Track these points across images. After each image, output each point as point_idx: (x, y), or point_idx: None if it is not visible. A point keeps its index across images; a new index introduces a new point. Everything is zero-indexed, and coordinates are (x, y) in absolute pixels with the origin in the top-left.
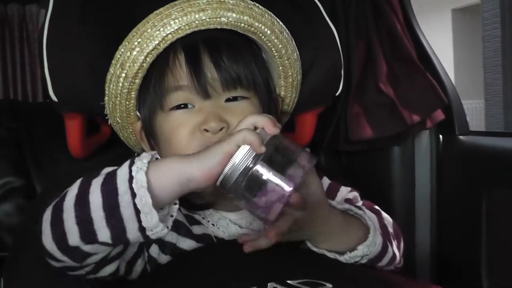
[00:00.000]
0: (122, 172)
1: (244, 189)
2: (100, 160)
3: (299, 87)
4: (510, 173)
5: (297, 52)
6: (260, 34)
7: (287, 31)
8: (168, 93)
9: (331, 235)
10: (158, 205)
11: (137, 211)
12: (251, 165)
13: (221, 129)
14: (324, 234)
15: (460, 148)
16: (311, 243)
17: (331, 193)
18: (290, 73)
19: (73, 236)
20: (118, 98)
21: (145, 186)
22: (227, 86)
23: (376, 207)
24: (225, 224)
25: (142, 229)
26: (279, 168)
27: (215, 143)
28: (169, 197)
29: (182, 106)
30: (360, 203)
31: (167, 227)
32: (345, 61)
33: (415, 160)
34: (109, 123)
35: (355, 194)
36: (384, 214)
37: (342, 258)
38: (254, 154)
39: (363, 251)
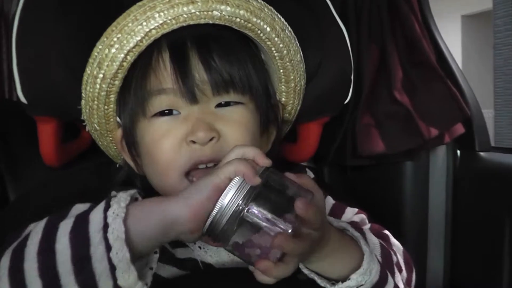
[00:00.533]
0: (96, 218)
1: (235, 235)
2: (80, 169)
3: (303, 93)
4: None
5: (301, 53)
6: (259, 31)
7: (290, 29)
8: (150, 97)
9: (325, 255)
10: (136, 256)
11: (112, 267)
12: (242, 206)
13: (210, 140)
14: (317, 253)
15: (480, 165)
16: (303, 263)
17: (336, 214)
18: (292, 77)
19: None
20: (96, 102)
21: (123, 238)
22: (217, 89)
23: (386, 231)
24: (215, 248)
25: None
26: (275, 207)
27: (202, 178)
28: (150, 246)
29: (166, 112)
30: (367, 226)
31: (146, 284)
32: (355, 65)
33: (430, 177)
34: (87, 129)
35: (362, 216)
36: (393, 240)
37: None
38: (247, 189)
39: (356, 281)
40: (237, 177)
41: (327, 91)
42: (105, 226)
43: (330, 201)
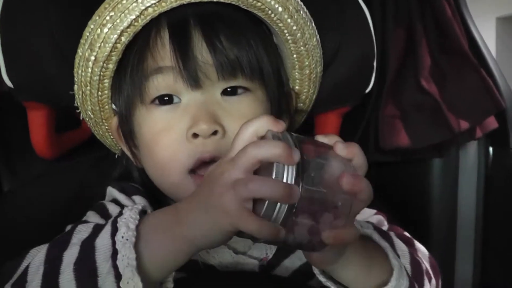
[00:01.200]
0: (103, 244)
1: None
2: (78, 162)
3: (319, 81)
4: None
5: (318, 37)
6: (269, 12)
7: (306, 10)
8: (147, 78)
9: (348, 261)
10: (151, 284)
11: None
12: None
13: (214, 134)
14: (341, 261)
15: None
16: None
17: None
18: (307, 63)
19: None
20: (88, 87)
21: (134, 265)
22: (223, 72)
23: (407, 234)
24: (217, 247)
25: None
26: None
27: (214, 178)
28: (167, 270)
29: (166, 99)
30: (385, 227)
31: None
32: (378, 50)
33: (459, 176)
34: (81, 117)
35: (380, 217)
36: (418, 245)
37: None
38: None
39: None
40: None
41: (347, 78)
42: (114, 254)
43: None
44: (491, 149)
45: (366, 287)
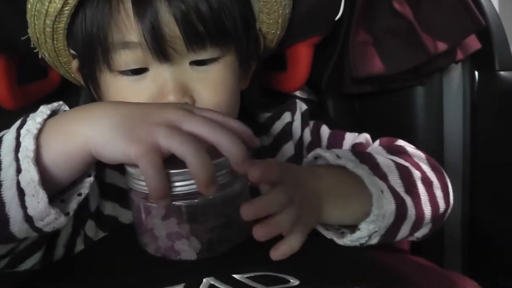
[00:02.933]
0: (8, 139)
1: None
2: None
3: (287, 21)
4: None
5: None
6: None
7: None
8: (114, 51)
9: (332, 205)
10: (56, 183)
11: (21, 192)
12: None
13: None
14: (322, 207)
15: (501, 86)
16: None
17: (335, 142)
18: (275, 8)
19: None
20: (43, 36)
21: (31, 156)
22: (192, 45)
23: (399, 142)
24: None
25: (28, 219)
26: None
27: (149, 120)
28: (71, 172)
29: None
30: (377, 142)
31: (68, 213)
32: None
33: (444, 103)
34: (40, 56)
35: (366, 136)
36: (411, 150)
37: (341, 242)
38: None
39: (368, 230)
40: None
41: (314, 5)
42: (17, 146)
43: (325, 130)
44: (476, 73)
45: (353, 220)
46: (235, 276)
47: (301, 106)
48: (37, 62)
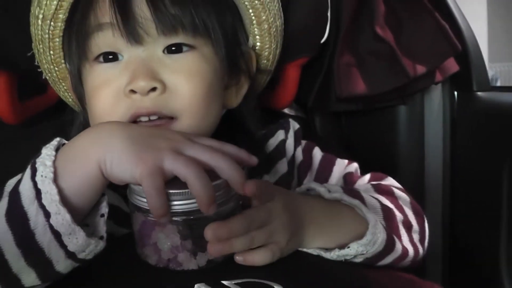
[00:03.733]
0: (25, 188)
1: None
2: (44, 127)
3: (281, 35)
4: None
5: None
6: None
7: None
8: (89, 35)
9: (319, 231)
10: (82, 214)
11: (57, 235)
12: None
13: (153, 90)
14: (304, 232)
15: (478, 106)
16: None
17: (326, 168)
18: (264, 18)
19: None
20: (41, 45)
21: (57, 200)
22: (162, 28)
23: (386, 182)
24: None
25: (71, 255)
26: None
27: (155, 145)
28: (92, 197)
29: (110, 57)
30: (367, 176)
31: (102, 237)
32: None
33: (425, 121)
34: (43, 77)
35: (355, 166)
36: (398, 193)
37: (327, 255)
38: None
39: (356, 250)
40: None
41: (301, 28)
42: (38, 194)
43: (317, 153)
44: (455, 93)
45: (340, 244)
46: (224, 282)
47: (294, 125)
48: (37, 79)
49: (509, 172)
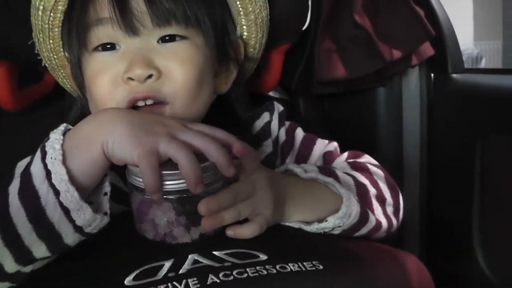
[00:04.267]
0: (37, 170)
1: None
2: (42, 113)
3: (267, 25)
4: (507, 116)
5: None
6: None
7: None
8: (89, 28)
9: (295, 207)
10: (87, 192)
11: (66, 211)
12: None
13: (149, 77)
14: (285, 207)
15: (453, 88)
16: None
17: (306, 147)
18: (250, 9)
19: (8, 262)
20: (41, 35)
21: (66, 179)
22: (157, 21)
23: (363, 159)
24: None
25: (78, 229)
26: None
27: (152, 130)
28: (97, 176)
29: (108, 47)
30: (345, 154)
31: (106, 213)
32: None
33: (403, 102)
34: (43, 64)
35: (334, 145)
36: (373, 169)
37: (308, 228)
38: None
39: (334, 223)
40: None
41: (284, 17)
42: (48, 174)
43: (300, 133)
44: (432, 75)
45: (318, 218)
46: (214, 252)
47: (278, 107)
48: (35, 67)
49: (481, 149)
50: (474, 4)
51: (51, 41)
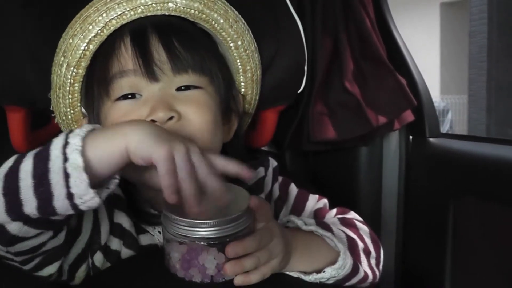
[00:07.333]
0: (58, 140)
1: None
2: None
3: (260, 83)
4: (478, 181)
5: (255, 44)
6: (213, 22)
7: (243, 21)
8: (113, 80)
9: (299, 256)
10: (94, 179)
11: (66, 176)
12: None
13: (170, 119)
14: (287, 257)
15: (429, 151)
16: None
17: (299, 203)
18: (248, 67)
19: None
20: (61, 90)
21: (79, 149)
22: (177, 69)
23: (350, 215)
24: None
25: (70, 196)
26: None
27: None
28: (110, 168)
29: (129, 96)
30: (333, 211)
31: (100, 198)
32: (309, 56)
33: (383, 161)
34: (55, 121)
35: (324, 201)
36: (359, 225)
37: (306, 278)
38: None
39: (330, 274)
40: None
41: (282, 81)
42: (65, 144)
43: (293, 189)
44: (411, 138)
45: (315, 268)
46: None
47: (273, 163)
48: (44, 111)
49: (453, 209)
50: (441, 58)
51: (70, 96)
